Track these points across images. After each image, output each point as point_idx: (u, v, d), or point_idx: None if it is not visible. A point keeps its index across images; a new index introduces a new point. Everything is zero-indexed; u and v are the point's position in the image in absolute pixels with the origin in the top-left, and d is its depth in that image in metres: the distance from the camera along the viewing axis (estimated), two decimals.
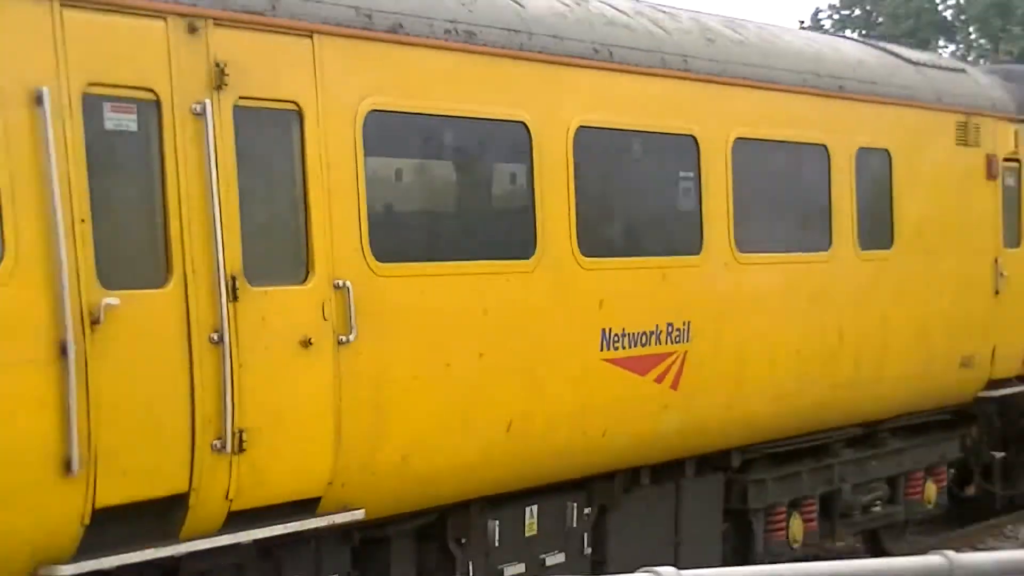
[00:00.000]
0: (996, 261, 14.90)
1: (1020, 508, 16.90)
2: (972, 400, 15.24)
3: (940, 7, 43.72)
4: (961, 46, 42.93)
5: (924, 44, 39.62)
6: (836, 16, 44.59)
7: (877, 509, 14.12)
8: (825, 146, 12.53)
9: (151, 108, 7.65)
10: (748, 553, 12.10)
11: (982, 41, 41.68)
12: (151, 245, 7.61)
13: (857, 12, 44.58)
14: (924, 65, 15.11)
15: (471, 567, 9.57)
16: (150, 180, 7.67)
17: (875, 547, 14.63)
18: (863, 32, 41.25)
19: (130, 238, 7.62)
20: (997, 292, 14.94)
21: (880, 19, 43.10)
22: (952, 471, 15.64)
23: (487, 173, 10.11)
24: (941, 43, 42.98)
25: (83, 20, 7.33)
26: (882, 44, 16.76)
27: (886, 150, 13.45)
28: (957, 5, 43.72)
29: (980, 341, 14.79)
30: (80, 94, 7.31)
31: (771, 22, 13.22)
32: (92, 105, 7.38)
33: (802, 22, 41.72)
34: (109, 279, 7.35)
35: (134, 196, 7.68)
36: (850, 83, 13.07)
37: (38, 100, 7.04)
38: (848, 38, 17.13)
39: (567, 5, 10.45)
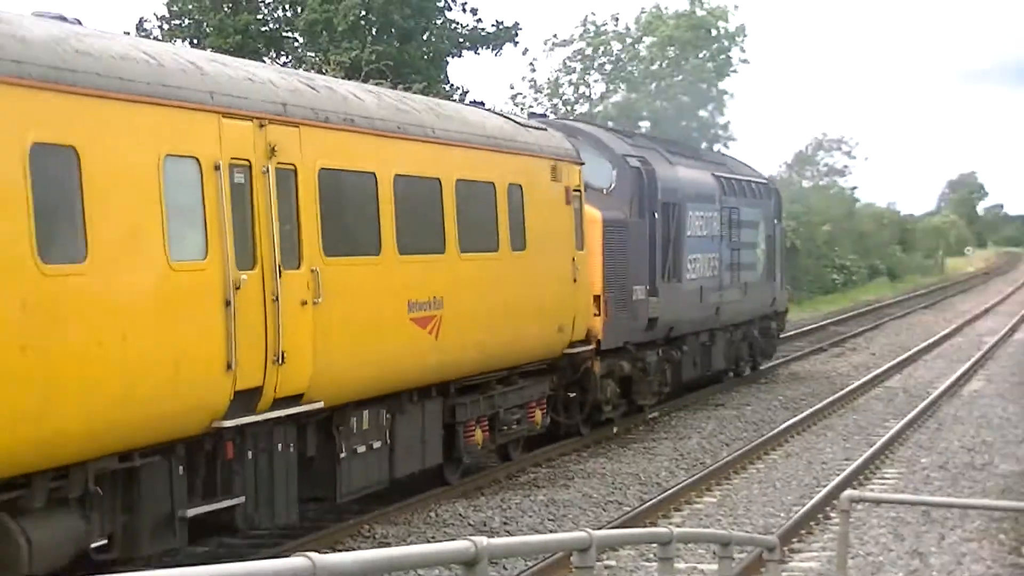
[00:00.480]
0: (573, 260, 21.30)
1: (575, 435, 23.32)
2: (560, 355, 21.44)
3: (267, 20, 44.47)
4: (291, 58, 43.75)
5: (255, 55, 39.48)
6: (166, 26, 43.48)
7: (516, 427, 20.50)
8: (492, 183, 18.94)
9: (247, 170, 13.36)
10: (454, 450, 18.62)
11: (311, 54, 42.29)
12: (252, 244, 13.33)
13: (188, 22, 43.70)
14: (530, 127, 21.45)
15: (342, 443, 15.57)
16: (249, 209, 13.37)
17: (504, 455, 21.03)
18: (193, 42, 41.61)
19: (244, 241, 13.20)
20: (575, 280, 21.33)
21: (209, 30, 42.37)
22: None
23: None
24: (272, 54, 43.58)
25: (227, 123, 13.05)
26: (504, 113, 24.22)
27: (519, 185, 19.65)
28: (284, 19, 44.68)
29: (567, 314, 21.05)
30: (228, 164, 13.00)
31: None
32: (231, 169, 13.12)
33: (128, 32, 37.01)
34: (240, 265, 13.00)
35: (243, 218, 13.26)
36: (500, 142, 19.45)
37: (216, 167, 12.78)
38: (486, 111, 21.85)
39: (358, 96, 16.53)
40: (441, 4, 45.22)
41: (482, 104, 24.59)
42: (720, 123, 62.07)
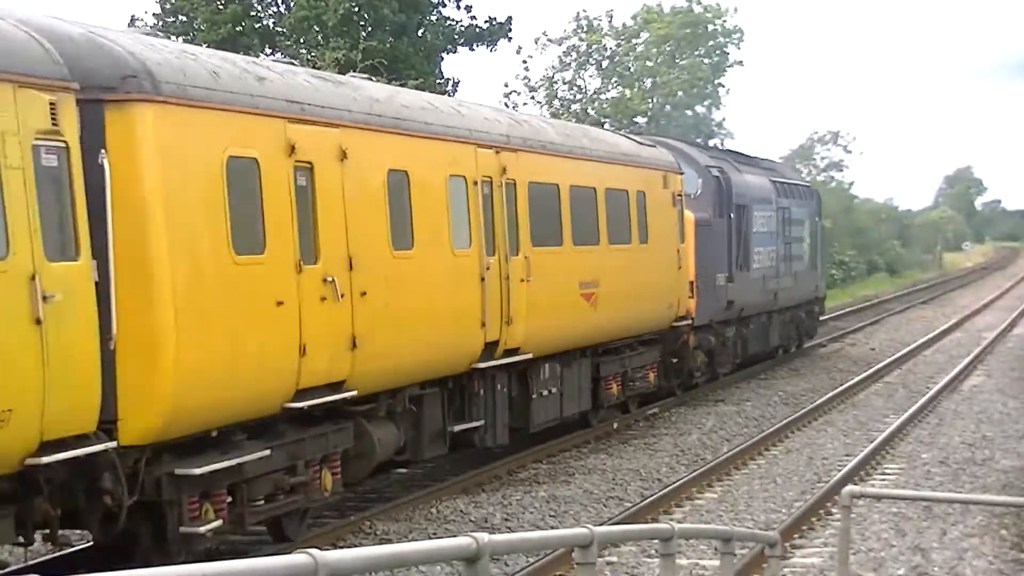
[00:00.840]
0: (678, 251, 27.11)
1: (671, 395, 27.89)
2: (668, 328, 26.67)
3: (260, 16, 44.00)
4: (286, 55, 45.61)
5: (248, 50, 39.09)
6: (160, 23, 42.31)
7: (637, 384, 25.58)
8: (626, 190, 24.57)
9: (490, 184, 18.78)
10: (597, 398, 24.12)
11: (303, 51, 41.29)
12: (493, 238, 18.91)
13: (180, 19, 43.25)
14: (645, 145, 27.20)
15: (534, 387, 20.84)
16: (491, 213, 18.90)
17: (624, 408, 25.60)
18: (186, 38, 40.22)
19: (489, 236, 18.79)
20: (679, 268, 26.99)
21: (201, 26, 41.94)
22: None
23: None
24: (267, 51, 42.51)
25: (480, 152, 18.70)
26: (627, 134, 30.35)
27: (643, 191, 25.12)
28: (277, 15, 44.22)
29: (673, 295, 26.65)
30: (480, 180, 18.61)
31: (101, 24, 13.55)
32: (482, 184, 18.49)
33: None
34: (487, 252, 18.57)
35: (488, 219, 18.64)
36: (630, 158, 25.46)
37: (475, 183, 18.22)
38: (615, 133, 28.75)
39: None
40: (435, 0, 45.18)
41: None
42: (717, 119, 62.06)
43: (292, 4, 43.49)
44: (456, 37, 45.69)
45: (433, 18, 45.19)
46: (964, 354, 38.05)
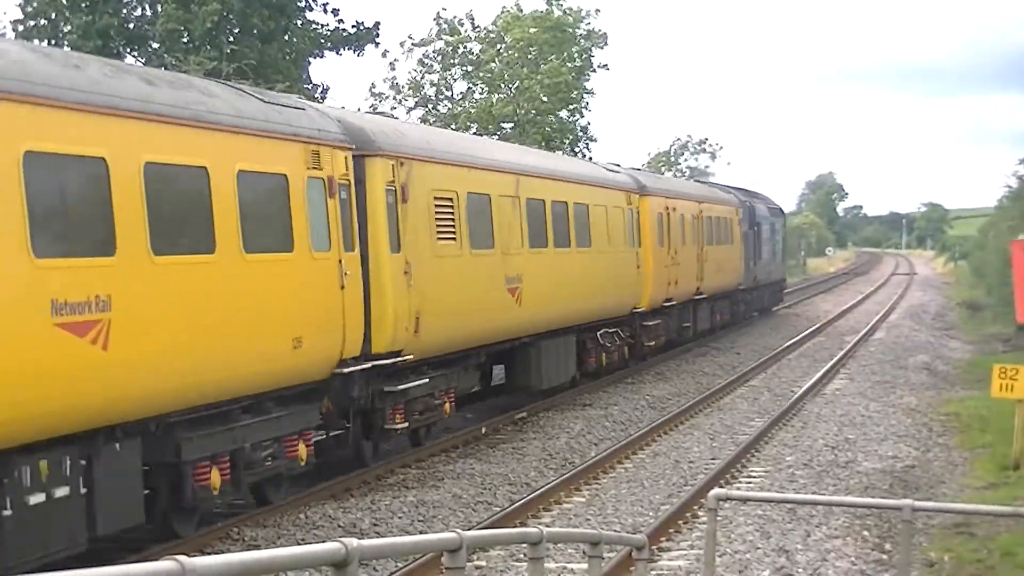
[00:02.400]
0: (741, 248, 49.87)
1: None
2: (734, 289, 49.11)
3: (127, 19, 43.22)
4: (152, 59, 42.01)
5: (117, 56, 39.96)
6: (20, 28, 41.79)
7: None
8: (729, 219, 47.20)
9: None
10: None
11: (169, 59, 40.33)
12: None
13: (43, 22, 41.89)
14: (718, 186, 49.24)
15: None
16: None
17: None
18: (50, 42, 41.00)
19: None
20: (741, 256, 49.91)
21: (71, 32, 41.11)
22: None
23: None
24: (134, 55, 42.81)
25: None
26: (715, 184, 56.00)
27: (729, 219, 46.10)
28: (145, 18, 43.51)
29: (739, 269, 49.53)
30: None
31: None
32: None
33: None
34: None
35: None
36: (732, 198, 48.82)
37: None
38: (715, 184, 44.75)
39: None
40: (302, 4, 44.95)
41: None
42: (581, 124, 62.22)
43: (159, 11, 42.95)
44: (323, 42, 45.51)
45: (299, 23, 44.95)
46: (827, 358, 38.65)
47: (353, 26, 45.75)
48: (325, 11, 45.57)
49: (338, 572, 6.83)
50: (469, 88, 62.74)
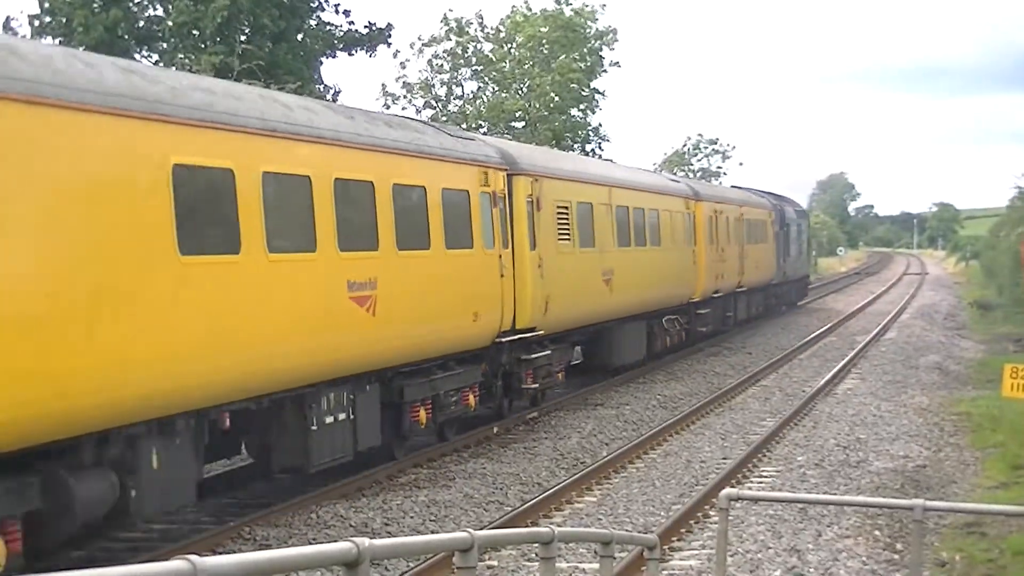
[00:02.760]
0: (774, 247, 55.65)
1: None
2: (767, 284, 54.89)
3: (138, 18, 43.19)
4: (163, 57, 42.82)
5: (125, 54, 39.85)
6: (36, 23, 41.97)
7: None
8: (765, 221, 54.15)
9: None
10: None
11: (180, 55, 41.23)
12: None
13: (57, 20, 41.78)
14: (752, 191, 55.55)
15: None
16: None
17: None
18: (61, 40, 41.10)
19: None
20: (774, 254, 55.46)
21: (78, 28, 40.69)
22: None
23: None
24: (145, 52, 43.23)
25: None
26: (752, 188, 59.23)
27: (764, 220, 52.46)
28: (155, 18, 43.48)
29: (774, 266, 55.40)
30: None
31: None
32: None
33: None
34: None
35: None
36: (764, 203, 55.22)
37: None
38: (747, 189, 57.48)
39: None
40: (314, 5, 44.97)
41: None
42: (592, 124, 62.19)
43: (171, 8, 42.96)
44: (335, 43, 45.53)
45: (312, 23, 44.98)
46: (839, 358, 38.61)
47: (365, 27, 45.80)
48: (336, 12, 45.64)
49: (349, 572, 6.83)
50: (479, 87, 62.77)
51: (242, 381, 15.81)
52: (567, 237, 27.91)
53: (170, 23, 42.53)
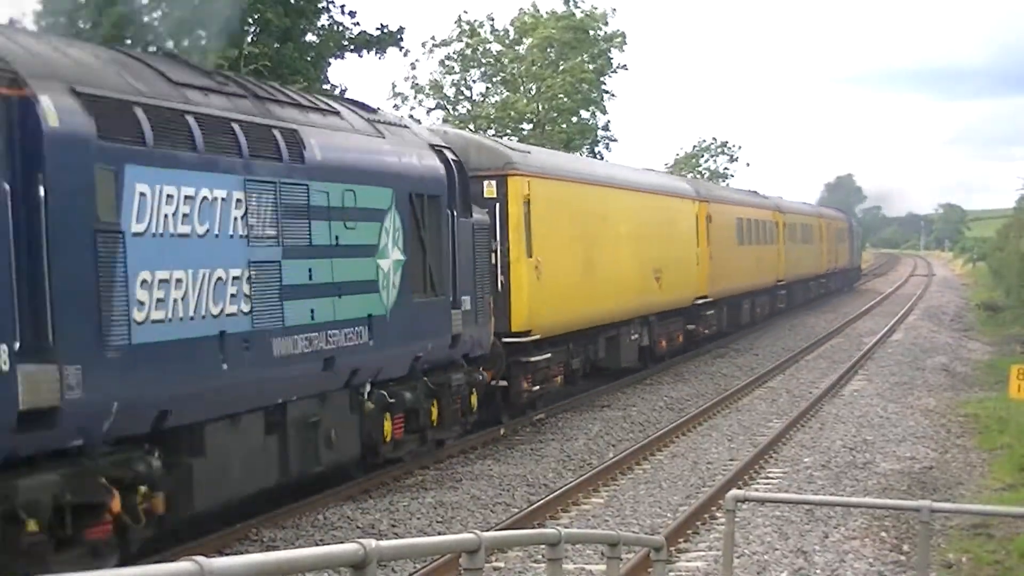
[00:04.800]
0: (822, 246, 69.94)
1: None
2: (817, 276, 69.69)
3: (142, 14, 45.65)
4: (163, 54, 45.58)
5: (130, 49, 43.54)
6: (42, 23, 45.96)
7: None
8: (812, 225, 67.14)
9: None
10: None
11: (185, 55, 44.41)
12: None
13: (62, 20, 46.00)
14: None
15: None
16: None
17: None
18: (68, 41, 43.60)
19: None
20: (823, 252, 70.63)
21: (85, 26, 44.70)
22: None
23: None
24: (150, 49, 45.75)
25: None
26: (809, 205, 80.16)
27: (811, 225, 66.64)
28: (154, 19, 44.95)
29: (822, 261, 69.99)
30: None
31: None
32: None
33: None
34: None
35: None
36: (819, 212, 73.77)
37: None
38: (805, 204, 74.80)
39: None
40: (322, 5, 44.99)
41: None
42: (601, 124, 62.25)
43: (164, 6, 42.97)
44: (345, 44, 45.57)
45: (321, 24, 45.01)
46: (846, 359, 38.60)
47: (377, 29, 45.81)
48: (343, 12, 45.65)
49: (356, 573, 6.84)
50: (488, 88, 62.82)
51: (617, 313, 31.71)
52: (735, 241, 46.21)
53: (168, 24, 42.61)
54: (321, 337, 17.05)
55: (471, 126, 58.99)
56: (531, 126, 60.30)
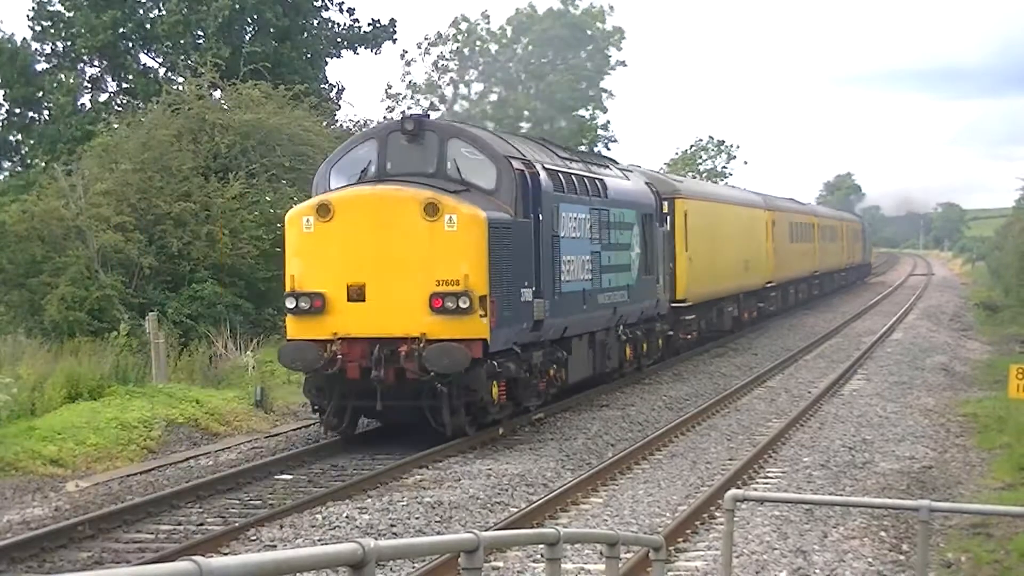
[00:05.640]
0: (845, 245, 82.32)
1: None
2: (843, 268, 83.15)
3: (140, 18, 43.95)
4: (167, 59, 44.05)
5: (127, 54, 42.18)
6: (38, 28, 43.51)
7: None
8: (837, 228, 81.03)
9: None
10: None
11: (183, 57, 42.59)
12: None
13: (59, 25, 43.30)
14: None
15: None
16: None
17: None
18: (64, 44, 42.58)
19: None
20: (847, 249, 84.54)
21: (81, 30, 42.49)
22: None
23: None
24: (149, 54, 44.29)
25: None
26: (833, 210, 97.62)
27: (834, 227, 78.70)
28: (150, 19, 44.03)
29: (846, 256, 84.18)
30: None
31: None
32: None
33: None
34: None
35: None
36: (841, 216, 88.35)
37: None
38: (830, 208, 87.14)
39: None
40: (318, 4, 45.01)
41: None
42: (600, 123, 62.31)
43: (163, 7, 42.96)
44: (339, 40, 45.58)
45: (316, 21, 45.02)
46: (844, 359, 38.60)
47: (369, 24, 45.87)
48: (341, 10, 45.71)
49: (355, 572, 6.84)
50: (485, 87, 62.91)
51: (726, 291, 42.38)
52: (789, 240, 57.42)
53: (163, 26, 42.51)
54: (611, 295, 29.63)
55: (468, 124, 59.02)
56: (529, 124, 60.37)
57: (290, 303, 22.51)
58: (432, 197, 22.29)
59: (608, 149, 62.30)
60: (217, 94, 37.69)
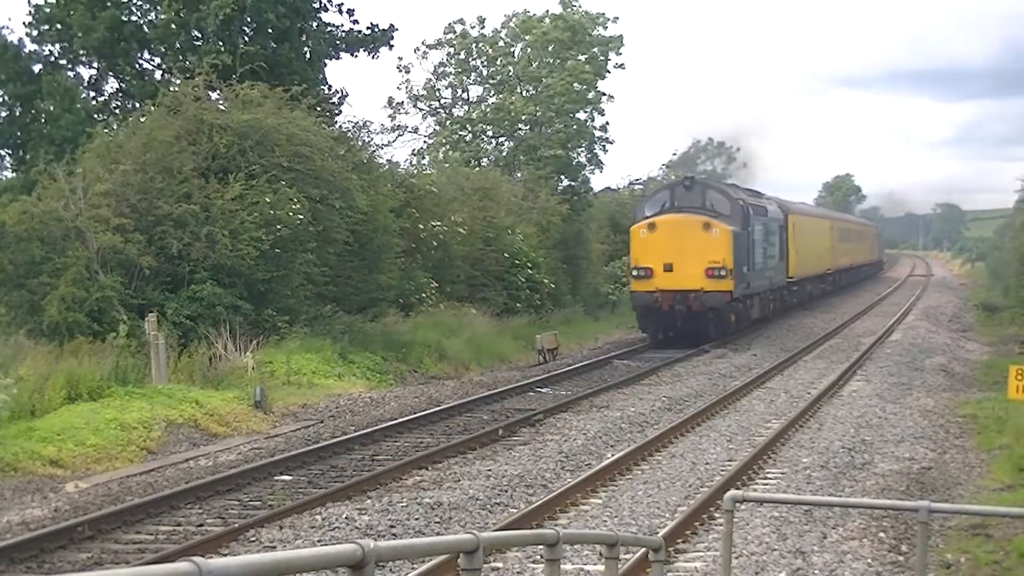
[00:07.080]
0: (869, 245, 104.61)
1: None
2: (873, 262, 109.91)
3: (137, 20, 43.49)
4: (165, 60, 43.64)
5: (126, 56, 41.41)
6: (35, 32, 43.03)
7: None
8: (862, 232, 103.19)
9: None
10: None
11: (180, 58, 42.16)
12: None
13: (57, 27, 42.68)
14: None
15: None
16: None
17: None
18: (62, 45, 42.45)
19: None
20: (871, 250, 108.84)
21: (78, 32, 41.96)
22: None
23: None
24: (146, 55, 43.85)
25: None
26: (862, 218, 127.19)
27: (854, 231, 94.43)
28: (147, 22, 43.70)
29: (871, 254, 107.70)
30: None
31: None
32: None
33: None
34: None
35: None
36: (863, 222, 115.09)
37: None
38: (855, 217, 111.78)
39: None
40: (317, 5, 44.97)
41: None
42: (598, 125, 62.23)
43: (159, 8, 42.88)
44: (338, 43, 45.54)
45: (315, 24, 44.98)
46: (844, 360, 38.61)
47: (368, 28, 45.83)
48: (340, 12, 45.68)
49: (354, 573, 6.82)
50: (484, 90, 62.89)
51: (811, 273, 63.58)
52: (840, 240, 74.79)
53: (158, 29, 42.48)
54: (767, 273, 50.62)
55: (467, 128, 59.09)
56: (527, 128, 60.33)
57: (635, 273, 43.88)
58: (706, 219, 43.66)
59: (605, 151, 62.26)
60: (214, 95, 37.64)
